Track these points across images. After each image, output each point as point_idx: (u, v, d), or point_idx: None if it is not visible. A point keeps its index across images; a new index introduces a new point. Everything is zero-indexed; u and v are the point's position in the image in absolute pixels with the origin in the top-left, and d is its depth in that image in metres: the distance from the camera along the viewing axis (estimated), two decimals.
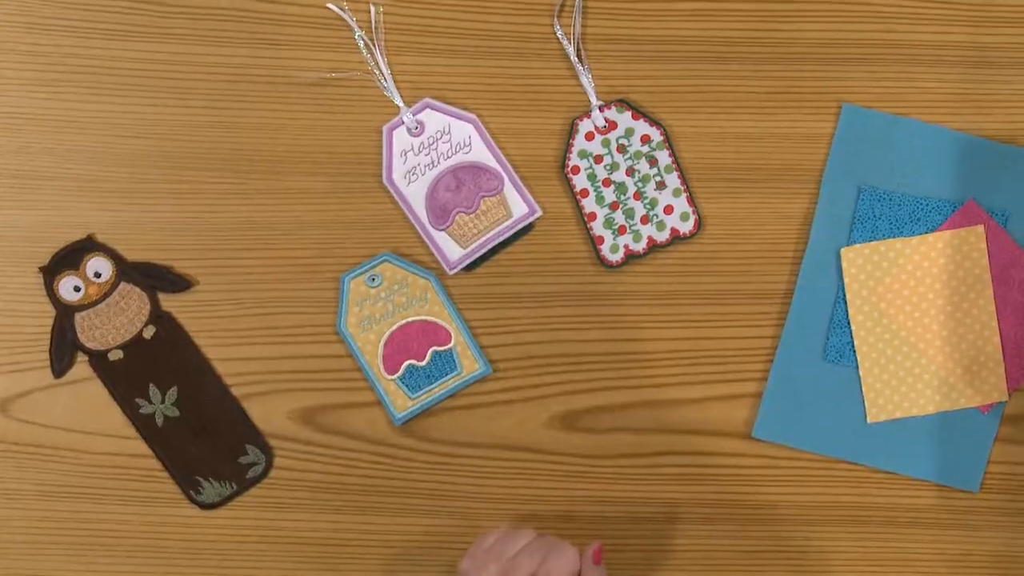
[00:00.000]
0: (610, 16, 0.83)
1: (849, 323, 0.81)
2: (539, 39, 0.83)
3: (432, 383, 0.83)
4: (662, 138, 0.82)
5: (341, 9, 0.83)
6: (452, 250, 0.73)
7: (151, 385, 0.84)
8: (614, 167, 0.83)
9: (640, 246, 0.83)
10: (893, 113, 0.82)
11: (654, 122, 0.83)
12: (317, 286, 0.83)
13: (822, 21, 0.83)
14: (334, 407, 0.84)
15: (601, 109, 0.82)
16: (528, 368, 0.83)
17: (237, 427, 0.83)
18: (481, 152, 0.71)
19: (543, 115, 0.83)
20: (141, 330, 0.84)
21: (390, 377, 0.83)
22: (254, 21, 0.85)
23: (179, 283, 0.83)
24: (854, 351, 0.82)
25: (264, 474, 0.84)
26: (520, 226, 0.68)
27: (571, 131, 0.83)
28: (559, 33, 0.83)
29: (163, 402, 0.84)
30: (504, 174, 0.71)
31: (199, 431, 0.83)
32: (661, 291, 0.83)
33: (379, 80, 0.84)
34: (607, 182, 0.83)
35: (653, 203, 0.83)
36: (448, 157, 0.71)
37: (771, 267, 0.83)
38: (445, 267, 0.73)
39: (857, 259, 0.82)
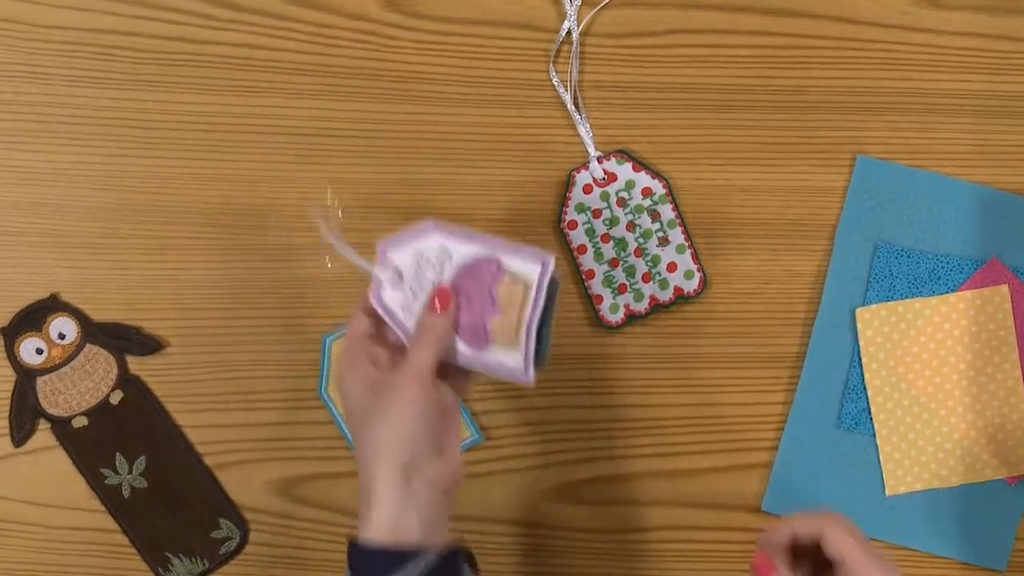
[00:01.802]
0: (609, 61, 0.81)
1: (865, 388, 0.79)
2: (533, 86, 0.81)
3: None
4: (665, 191, 0.80)
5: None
6: (511, 360, 0.64)
7: (118, 454, 0.81)
8: (614, 222, 0.80)
9: (642, 306, 0.80)
10: (910, 165, 0.80)
11: (656, 174, 0.80)
12: (297, 348, 0.81)
13: (835, 68, 0.81)
14: (314, 478, 0.81)
15: (600, 160, 0.80)
16: (522, 436, 0.81)
17: (209, 499, 0.80)
18: (459, 249, 0.63)
19: (538, 167, 0.81)
20: (107, 395, 0.81)
21: None
22: (230, 67, 0.82)
23: (148, 345, 0.81)
24: (870, 418, 0.79)
25: (238, 550, 0.81)
26: (546, 283, 0.63)
27: (568, 183, 0.80)
28: (554, 79, 0.81)
29: (130, 472, 0.81)
30: (494, 249, 0.63)
31: (169, 503, 0.81)
32: (664, 354, 0.81)
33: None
34: (606, 238, 0.80)
35: (655, 260, 0.80)
36: (439, 274, 0.65)
37: (781, 328, 0.80)
38: (523, 381, 0.64)
39: (873, 320, 0.79)
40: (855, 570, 0.59)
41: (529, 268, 0.63)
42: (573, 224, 0.81)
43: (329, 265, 0.74)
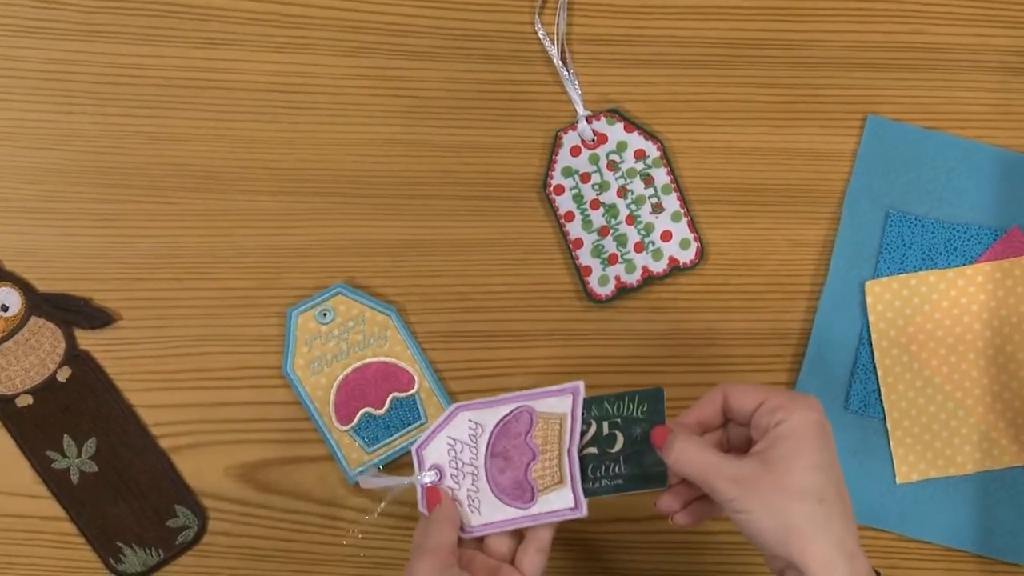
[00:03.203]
0: (599, 12, 0.78)
1: (875, 368, 0.76)
2: (517, 39, 0.78)
3: (392, 435, 0.76)
4: (659, 154, 0.77)
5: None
6: (559, 500, 0.61)
7: (65, 436, 0.77)
8: (604, 187, 0.77)
9: (633, 278, 0.77)
10: (925, 126, 0.77)
11: (650, 135, 0.77)
12: (259, 322, 0.77)
13: (844, 21, 0.78)
14: (278, 462, 0.77)
15: (589, 120, 0.77)
16: None
17: (165, 485, 0.77)
18: (488, 417, 0.64)
19: (521, 127, 0.78)
20: (54, 372, 0.77)
21: (343, 428, 0.76)
22: (187, 17, 0.78)
23: (98, 318, 0.77)
24: (880, 400, 0.76)
25: (196, 540, 0.77)
26: (580, 411, 0.62)
27: (554, 145, 0.77)
28: (540, 32, 0.77)
29: (79, 455, 0.77)
30: (523, 402, 0.63)
31: (120, 489, 0.77)
32: (658, 330, 0.77)
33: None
34: (595, 204, 0.77)
35: (649, 228, 0.77)
36: (475, 450, 0.64)
37: (784, 303, 0.77)
38: (578, 516, 0.61)
39: (884, 294, 0.76)
40: (772, 407, 0.56)
41: (561, 402, 0.62)
42: (559, 189, 0.77)
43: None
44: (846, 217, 0.77)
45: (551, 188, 0.77)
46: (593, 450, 0.61)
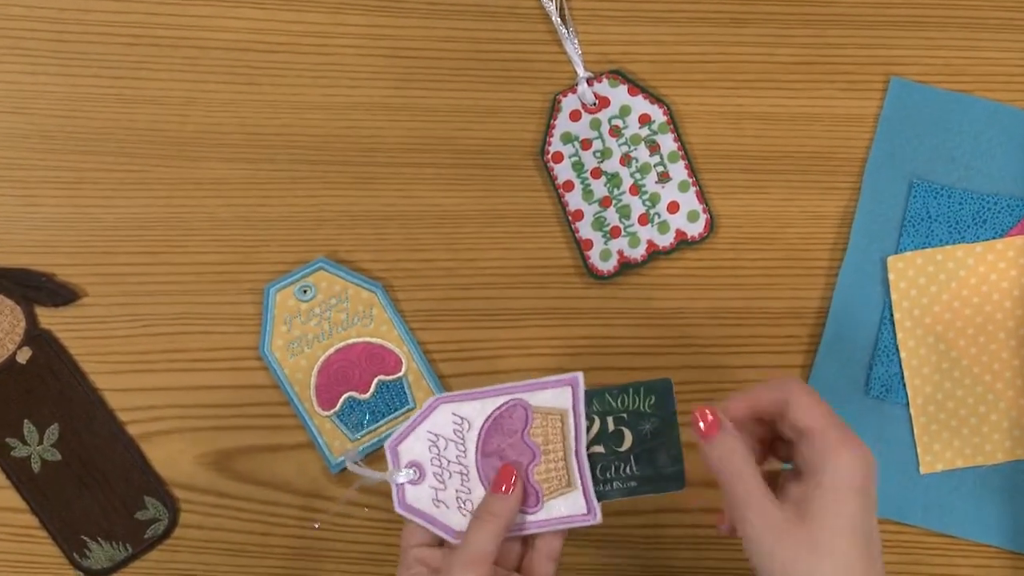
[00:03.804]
0: None
1: (897, 349, 0.73)
2: None
3: (378, 421, 0.74)
4: (665, 118, 0.74)
5: None
6: (569, 505, 0.59)
7: (26, 421, 0.74)
8: (606, 154, 0.74)
9: (638, 252, 0.74)
10: (952, 89, 0.74)
11: (656, 99, 0.74)
12: (235, 299, 0.75)
13: None
14: (255, 450, 0.75)
15: (590, 82, 0.74)
16: None
17: (133, 475, 0.74)
18: (474, 412, 0.60)
19: (517, 89, 0.75)
20: (14, 353, 0.74)
21: (325, 413, 0.74)
22: None
23: (62, 295, 0.74)
24: (903, 384, 0.73)
25: (167, 533, 0.75)
26: (582, 406, 0.59)
27: (552, 109, 0.74)
28: None
29: (41, 443, 0.74)
30: (513, 394, 0.60)
31: (86, 479, 0.74)
32: (664, 308, 0.75)
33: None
34: (597, 172, 0.74)
35: (654, 199, 0.74)
36: (463, 447, 0.60)
37: (800, 280, 0.75)
38: (591, 522, 0.59)
39: (908, 270, 0.73)
40: (824, 444, 0.54)
41: (559, 396, 0.59)
42: (558, 156, 0.74)
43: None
44: (867, 187, 0.74)
45: (549, 155, 0.74)
46: (599, 449, 0.59)
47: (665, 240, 0.74)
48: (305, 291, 0.73)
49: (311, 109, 0.74)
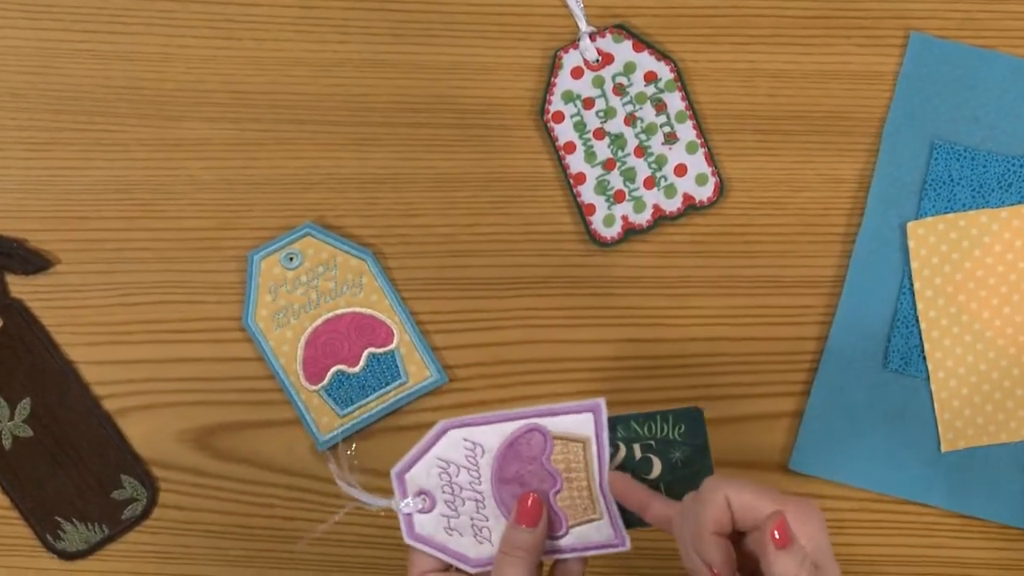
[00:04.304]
0: None
1: (917, 320, 0.71)
2: None
3: (368, 395, 0.73)
4: (673, 76, 0.72)
5: None
6: (597, 533, 0.58)
7: None
8: (609, 114, 0.72)
9: (643, 218, 0.72)
10: (975, 45, 0.72)
11: (662, 55, 0.72)
12: (217, 267, 0.73)
13: None
14: (238, 427, 0.74)
15: (593, 37, 0.72)
16: (495, 376, 0.74)
17: (110, 452, 0.73)
18: (487, 437, 0.58)
19: (515, 45, 0.73)
20: None
21: (312, 388, 0.73)
22: None
23: (33, 262, 0.73)
24: (924, 357, 0.71)
25: (145, 514, 0.74)
26: (605, 433, 0.57)
27: (553, 66, 0.72)
28: None
29: (12, 418, 0.73)
30: (529, 419, 0.58)
31: (59, 457, 0.73)
32: (670, 277, 0.73)
33: None
34: (600, 133, 0.72)
35: (660, 161, 0.72)
36: (476, 474, 0.58)
37: (815, 247, 0.73)
38: (621, 549, 0.58)
39: (929, 237, 0.71)
40: (758, 546, 0.50)
41: (579, 422, 0.58)
42: (559, 116, 0.72)
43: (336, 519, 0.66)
44: (886, 149, 0.72)
45: (549, 115, 0.72)
46: None
47: (672, 205, 0.72)
48: (291, 258, 0.72)
49: (296, 65, 0.72)
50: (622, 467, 0.57)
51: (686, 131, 0.71)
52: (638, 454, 0.57)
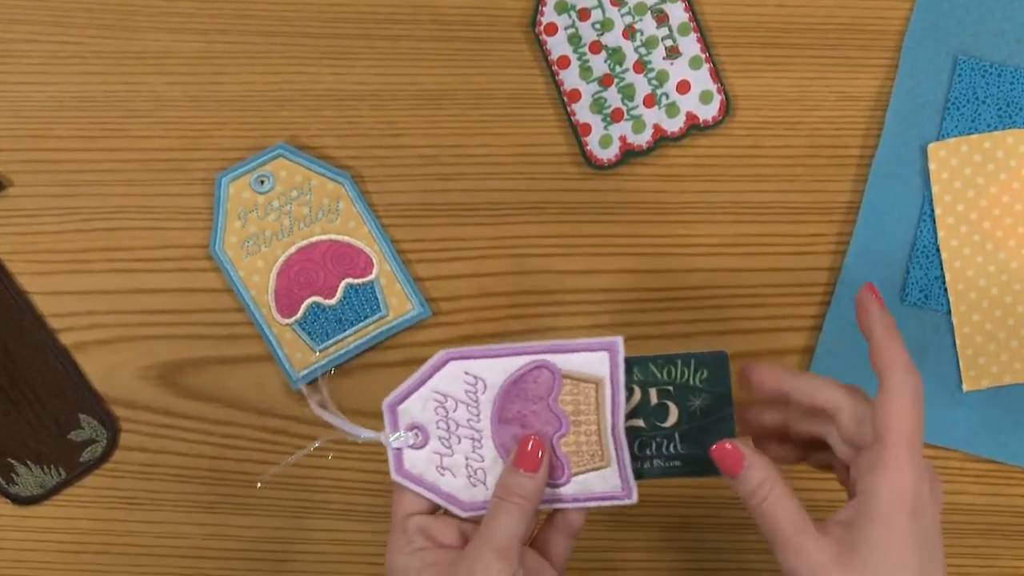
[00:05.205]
0: None
1: (938, 250, 0.69)
2: None
3: (346, 330, 0.70)
4: None
5: None
6: (602, 482, 0.56)
7: None
8: (606, 25, 0.69)
9: (643, 139, 0.69)
10: None
11: None
12: (182, 190, 0.71)
13: None
14: (205, 363, 0.71)
15: None
16: (481, 310, 0.72)
17: (67, 390, 0.71)
18: (491, 371, 0.55)
19: None
20: None
21: (285, 321, 0.70)
22: None
23: None
24: (945, 290, 0.69)
25: (105, 456, 0.72)
26: (621, 374, 0.54)
27: None
28: None
29: None
30: (538, 354, 0.55)
31: (12, 395, 0.70)
32: (671, 203, 0.70)
33: None
34: (596, 47, 0.69)
35: (661, 78, 0.69)
36: (476, 410, 0.56)
37: (828, 170, 0.70)
38: (626, 502, 0.56)
39: (951, 159, 0.68)
40: (871, 461, 0.50)
41: (593, 361, 0.55)
42: (552, 28, 0.69)
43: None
44: (905, 64, 0.69)
45: (541, 27, 0.69)
46: (639, 422, 0.55)
47: (674, 125, 0.69)
48: (262, 181, 0.69)
49: None
50: (635, 412, 0.54)
51: (689, 44, 0.68)
52: (654, 399, 0.54)
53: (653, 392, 0.54)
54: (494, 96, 0.69)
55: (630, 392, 0.54)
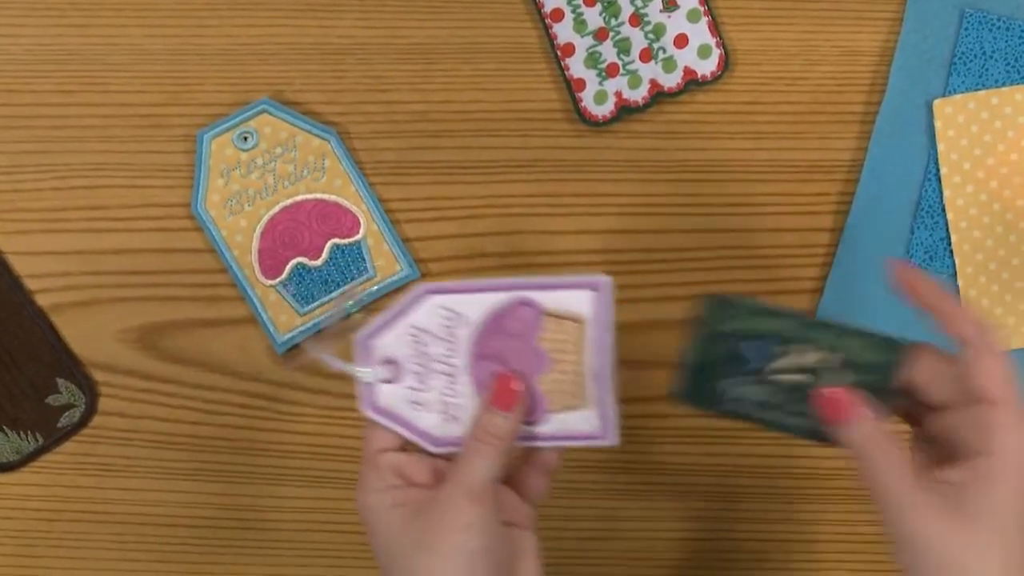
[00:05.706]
0: None
1: (944, 210, 0.67)
2: None
3: (332, 292, 0.69)
4: None
5: None
6: (582, 423, 0.55)
7: None
8: None
9: (639, 94, 0.68)
10: None
11: None
12: (163, 147, 0.69)
13: None
14: (187, 325, 0.70)
15: None
16: (472, 271, 0.70)
17: (43, 353, 0.70)
18: (470, 306, 0.54)
19: None
20: None
21: (269, 282, 0.69)
22: None
23: None
24: (950, 251, 0.68)
25: (83, 422, 0.70)
26: (608, 313, 0.53)
27: None
28: None
29: None
30: (520, 291, 0.54)
31: None
32: (668, 160, 0.69)
33: None
34: (591, 0, 0.67)
35: (658, 31, 0.67)
36: (453, 345, 0.54)
37: (830, 127, 0.69)
38: (605, 443, 0.54)
39: (957, 116, 0.67)
40: (992, 419, 0.48)
41: (577, 299, 0.54)
42: None
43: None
44: (910, 17, 0.68)
45: None
46: (801, 378, 0.52)
47: (671, 80, 0.67)
48: (246, 138, 0.68)
49: None
50: (809, 369, 0.51)
51: None
52: (836, 365, 0.52)
53: (837, 359, 0.52)
54: (485, 50, 0.67)
55: (816, 351, 0.52)
